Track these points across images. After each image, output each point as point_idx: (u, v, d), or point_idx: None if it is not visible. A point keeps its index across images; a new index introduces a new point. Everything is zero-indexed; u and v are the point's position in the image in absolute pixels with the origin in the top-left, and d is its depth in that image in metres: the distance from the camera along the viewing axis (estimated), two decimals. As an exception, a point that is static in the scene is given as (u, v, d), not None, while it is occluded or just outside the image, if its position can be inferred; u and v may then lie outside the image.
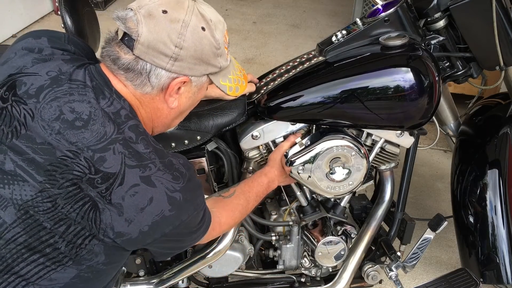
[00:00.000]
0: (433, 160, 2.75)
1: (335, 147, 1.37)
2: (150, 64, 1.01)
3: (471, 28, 1.41)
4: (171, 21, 1.00)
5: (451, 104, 1.68)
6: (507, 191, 1.52)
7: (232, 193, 1.33)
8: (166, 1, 1.03)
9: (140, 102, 1.07)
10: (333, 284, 1.62)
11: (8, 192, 0.94)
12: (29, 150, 0.96)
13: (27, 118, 0.98)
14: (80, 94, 1.00)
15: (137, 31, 1.00)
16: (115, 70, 1.03)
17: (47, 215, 0.94)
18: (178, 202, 1.00)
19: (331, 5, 4.78)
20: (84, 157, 0.95)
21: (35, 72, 1.02)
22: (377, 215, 1.59)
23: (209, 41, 1.05)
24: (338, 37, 1.40)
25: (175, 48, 1.01)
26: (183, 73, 1.05)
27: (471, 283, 1.51)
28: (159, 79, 1.03)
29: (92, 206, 0.95)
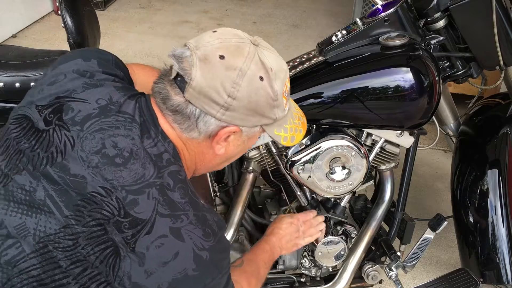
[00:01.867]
0: (433, 160, 2.75)
1: (335, 147, 1.37)
2: (200, 110, 0.95)
3: (471, 28, 1.41)
4: (227, 68, 0.93)
5: (451, 104, 1.68)
6: (507, 191, 1.52)
7: (241, 263, 1.27)
8: (226, 45, 0.95)
9: (185, 145, 1.01)
10: (333, 284, 1.62)
11: (33, 222, 0.89)
12: (61, 181, 0.91)
13: (67, 145, 0.93)
14: (126, 128, 0.95)
15: (190, 74, 0.93)
16: (163, 109, 0.98)
17: (65, 253, 0.89)
18: (204, 262, 0.92)
19: (331, 5, 4.77)
20: (116, 197, 0.89)
21: (84, 99, 0.98)
22: (377, 215, 1.59)
23: (266, 92, 0.96)
24: (338, 37, 1.40)
25: (227, 97, 0.93)
26: (233, 123, 0.97)
27: (471, 283, 1.51)
28: (207, 126, 0.97)
29: (113, 252, 0.88)
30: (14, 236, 0.89)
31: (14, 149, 0.96)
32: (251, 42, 0.98)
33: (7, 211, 0.91)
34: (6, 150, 0.97)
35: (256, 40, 1.00)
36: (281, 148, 1.46)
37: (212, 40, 0.96)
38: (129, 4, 4.67)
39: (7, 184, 0.93)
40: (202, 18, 4.45)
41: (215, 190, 1.53)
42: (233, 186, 1.55)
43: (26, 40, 3.90)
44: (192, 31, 4.19)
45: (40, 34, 4.01)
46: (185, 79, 0.94)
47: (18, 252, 0.89)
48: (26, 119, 0.98)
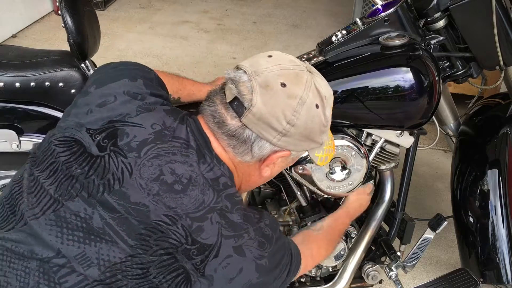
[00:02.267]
0: (433, 160, 2.75)
1: (335, 147, 1.37)
2: (256, 135, 0.96)
3: (471, 28, 1.41)
4: (289, 97, 0.94)
5: (451, 104, 1.68)
6: (507, 191, 1.52)
7: (320, 228, 1.33)
8: (286, 72, 0.96)
9: (235, 167, 1.02)
10: (333, 284, 1.62)
11: (94, 251, 0.88)
12: (121, 209, 0.89)
13: (124, 173, 0.91)
14: (182, 154, 0.95)
15: (250, 99, 0.94)
16: (218, 133, 0.98)
17: (135, 281, 0.88)
18: (265, 268, 0.96)
19: (331, 5, 4.78)
20: (181, 224, 0.89)
21: (139, 123, 0.96)
22: (377, 215, 1.59)
23: (320, 119, 1.00)
24: (338, 37, 1.40)
25: (286, 124, 0.95)
26: (286, 148, 1.00)
27: (471, 283, 1.51)
28: (262, 151, 0.99)
29: (185, 279, 0.89)
30: (72, 266, 0.87)
31: (64, 174, 0.93)
32: (306, 69, 1.00)
33: (63, 240, 0.88)
34: (54, 174, 0.94)
35: (308, 66, 1.02)
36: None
37: (271, 66, 0.97)
38: (129, 4, 4.67)
39: (58, 209, 0.90)
40: (202, 18, 4.45)
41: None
42: (233, 186, 1.55)
43: (26, 40, 3.90)
44: (192, 31, 4.20)
45: (40, 34, 4.01)
46: (244, 104, 0.94)
47: (79, 280, 0.87)
48: (77, 143, 0.95)
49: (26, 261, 0.89)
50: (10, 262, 0.89)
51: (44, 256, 0.88)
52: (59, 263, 0.88)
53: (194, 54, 3.81)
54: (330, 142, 1.13)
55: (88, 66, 1.49)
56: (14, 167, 1.53)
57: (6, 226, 0.93)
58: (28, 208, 0.91)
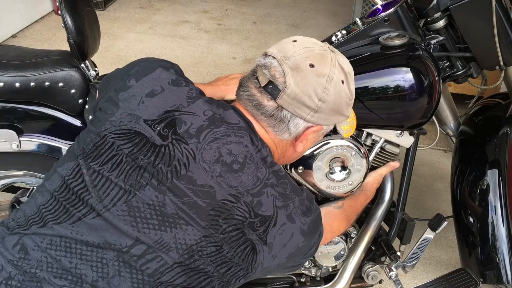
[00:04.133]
0: (433, 160, 2.75)
1: (335, 147, 1.37)
2: (292, 113, 1.05)
3: (471, 28, 1.41)
4: (318, 76, 1.03)
5: (451, 104, 1.68)
6: (507, 191, 1.52)
7: (341, 205, 1.39)
8: (312, 54, 1.05)
9: (276, 147, 1.11)
10: (333, 284, 1.62)
11: (171, 236, 0.94)
12: (191, 192, 0.96)
13: (189, 158, 0.98)
14: (236, 135, 1.03)
15: (284, 82, 1.02)
16: (257, 115, 1.07)
17: (210, 258, 0.96)
18: (308, 233, 1.06)
19: (331, 5, 4.78)
20: (244, 201, 0.98)
21: (193, 112, 1.03)
22: (377, 215, 1.59)
23: (346, 94, 1.09)
24: (338, 37, 1.40)
25: (318, 101, 1.04)
26: (318, 123, 1.08)
27: (471, 283, 1.51)
28: (297, 128, 1.07)
29: (252, 249, 0.99)
30: (153, 251, 0.94)
31: (130, 165, 0.97)
32: (329, 49, 1.09)
33: (139, 228, 0.94)
34: (118, 166, 0.98)
35: (330, 47, 1.10)
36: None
37: (298, 50, 1.05)
38: (129, 4, 4.67)
39: (130, 200, 0.95)
40: (202, 18, 4.45)
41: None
42: (233, 186, 1.55)
43: (26, 40, 3.90)
44: (192, 31, 4.20)
45: (40, 34, 4.01)
46: (278, 86, 1.03)
47: (160, 265, 0.94)
48: (137, 134, 1.00)
49: (101, 252, 0.93)
50: (82, 254, 0.93)
51: (122, 245, 0.93)
52: (138, 252, 0.93)
53: (194, 54, 3.81)
54: (352, 115, 1.23)
55: (88, 66, 1.49)
56: (14, 167, 1.53)
57: (69, 219, 0.96)
58: (98, 201, 0.95)
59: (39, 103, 1.43)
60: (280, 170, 1.07)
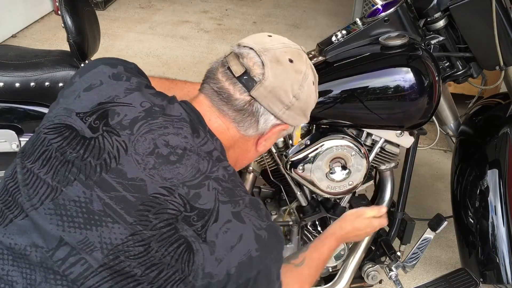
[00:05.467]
0: (433, 160, 2.75)
1: (335, 147, 1.37)
2: (264, 108, 1.00)
3: (471, 28, 1.41)
4: (296, 72, 1.01)
5: (451, 104, 1.68)
6: (507, 191, 1.52)
7: (302, 261, 1.21)
8: (289, 50, 1.04)
9: (234, 143, 1.04)
10: (333, 284, 1.62)
11: (96, 235, 0.86)
12: (120, 187, 0.88)
13: (120, 150, 0.91)
14: (175, 127, 0.95)
15: (262, 73, 0.98)
16: (223, 110, 1.00)
17: (138, 260, 0.86)
18: (263, 241, 0.93)
19: (331, 5, 4.77)
20: (178, 194, 0.89)
21: (128, 103, 0.97)
22: (377, 215, 1.59)
23: (314, 95, 1.08)
24: (338, 37, 1.40)
25: (292, 97, 1.01)
26: (287, 121, 1.05)
27: (471, 283, 1.51)
28: (266, 124, 1.03)
29: (187, 248, 0.87)
30: (77, 253, 0.86)
31: (59, 160, 0.91)
32: (302, 49, 1.08)
33: (64, 228, 0.87)
34: (47, 162, 0.92)
35: (303, 48, 1.10)
36: (281, 148, 1.46)
37: (276, 44, 1.03)
38: (129, 4, 4.67)
39: (57, 197, 0.89)
40: (202, 18, 4.45)
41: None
42: (233, 186, 1.55)
43: (26, 40, 3.90)
44: (192, 31, 4.19)
45: (40, 34, 4.01)
46: (254, 78, 0.98)
47: (84, 268, 0.85)
48: (68, 128, 0.94)
49: (28, 257, 0.87)
50: (13, 260, 0.87)
51: (48, 247, 0.86)
52: (62, 255, 0.86)
53: (194, 54, 3.81)
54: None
55: (88, 66, 1.49)
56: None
57: (2, 222, 0.91)
58: (26, 200, 0.90)
59: (39, 103, 1.43)
60: (228, 167, 0.98)
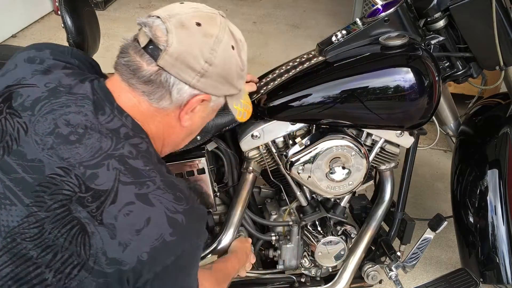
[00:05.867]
0: (433, 160, 2.75)
1: (335, 147, 1.37)
2: (175, 77, 0.94)
3: (471, 28, 1.41)
4: (205, 35, 0.95)
5: (451, 104, 1.68)
6: (507, 191, 1.52)
7: (210, 267, 1.26)
8: (199, 14, 0.98)
9: (151, 117, 0.98)
10: (333, 284, 1.62)
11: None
12: (19, 168, 0.88)
13: (20, 132, 0.90)
14: (77, 105, 0.93)
15: (166, 40, 0.93)
16: (132, 83, 0.95)
17: (33, 242, 0.84)
18: (180, 225, 0.88)
19: (331, 5, 4.77)
20: (75, 174, 0.87)
21: (33, 84, 0.96)
22: (377, 215, 1.59)
23: (236, 61, 1.01)
24: (338, 37, 1.39)
25: (204, 63, 0.95)
26: (206, 91, 0.98)
27: (471, 283, 1.51)
28: (181, 94, 0.96)
29: (80, 230, 0.84)
30: None
31: None
32: (219, 13, 1.02)
33: None
34: None
35: (221, 12, 1.03)
36: (281, 148, 1.46)
37: (185, 9, 0.98)
38: (129, 4, 4.67)
39: None
40: (202, 18, 4.45)
41: (215, 190, 1.53)
42: (233, 186, 1.55)
43: (26, 40, 3.89)
44: (192, 31, 4.19)
45: (40, 34, 4.01)
46: (159, 46, 0.93)
47: None
48: None
49: None
50: None
51: None
52: None
53: (194, 54, 3.81)
54: (246, 98, 1.17)
55: (88, 66, 1.49)
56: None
57: None
58: None
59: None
60: (141, 144, 0.94)
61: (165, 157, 1.07)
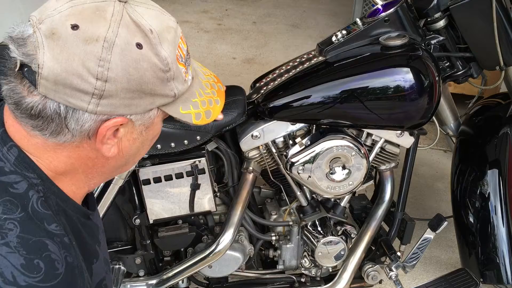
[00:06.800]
0: (433, 160, 2.75)
1: (335, 147, 1.37)
2: (65, 105, 0.70)
3: (471, 28, 1.41)
4: (86, 41, 0.68)
5: (451, 104, 1.68)
6: (507, 191, 1.52)
7: None
8: (79, 9, 0.69)
9: (52, 152, 0.75)
10: (333, 284, 1.62)
11: None
12: None
13: None
14: None
15: (37, 59, 0.67)
16: (18, 116, 0.72)
17: None
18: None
19: (331, 5, 4.78)
20: None
21: None
22: (377, 215, 1.59)
23: (151, 63, 0.71)
24: (338, 37, 1.40)
25: (96, 81, 0.68)
26: (116, 113, 0.72)
27: (471, 283, 1.51)
28: (81, 125, 0.71)
29: None
30: None
31: None
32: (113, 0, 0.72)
33: None
34: None
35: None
36: (281, 148, 1.46)
37: (60, 6, 0.70)
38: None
39: None
40: (202, 18, 4.45)
41: (215, 190, 1.53)
42: (233, 186, 1.55)
43: (26, 40, 3.89)
44: (192, 31, 4.19)
45: (40, 34, 4.01)
46: (32, 67, 0.68)
47: None
48: None
49: None
50: None
51: None
52: None
53: (194, 54, 3.75)
54: (208, 91, 0.85)
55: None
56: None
57: None
58: None
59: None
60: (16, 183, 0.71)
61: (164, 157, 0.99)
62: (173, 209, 1.48)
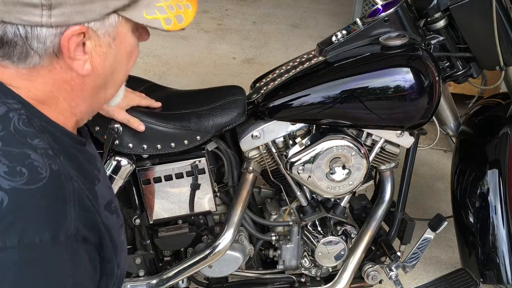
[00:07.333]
0: (433, 160, 2.75)
1: (335, 147, 1.37)
2: (22, 25, 0.70)
3: (471, 28, 1.41)
4: None
5: (451, 104, 1.68)
6: (507, 191, 1.52)
7: None
8: None
9: (28, 80, 0.76)
10: (333, 284, 1.62)
11: None
12: None
13: None
14: None
15: None
16: None
17: None
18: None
19: (331, 5, 4.78)
20: None
21: None
22: (377, 215, 1.59)
23: None
24: (338, 37, 1.40)
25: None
26: (72, 22, 0.72)
27: (471, 283, 1.51)
28: (43, 42, 0.72)
29: None
30: None
31: None
32: None
33: None
34: None
35: None
36: (281, 148, 1.46)
37: None
38: None
39: None
40: (202, 18, 4.45)
41: (215, 190, 1.53)
42: (233, 186, 1.55)
43: (26, 40, 3.89)
44: (192, 31, 4.19)
45: (40, 34, 4.00)
46: None
47: None
48: None
49: None
50: None
51: None
52: None
53: (194, 54, 3.81)
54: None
55: (88, 66, 1.49)
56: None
57: None
58: None
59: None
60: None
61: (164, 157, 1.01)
62: (173, 209, 1.48)
